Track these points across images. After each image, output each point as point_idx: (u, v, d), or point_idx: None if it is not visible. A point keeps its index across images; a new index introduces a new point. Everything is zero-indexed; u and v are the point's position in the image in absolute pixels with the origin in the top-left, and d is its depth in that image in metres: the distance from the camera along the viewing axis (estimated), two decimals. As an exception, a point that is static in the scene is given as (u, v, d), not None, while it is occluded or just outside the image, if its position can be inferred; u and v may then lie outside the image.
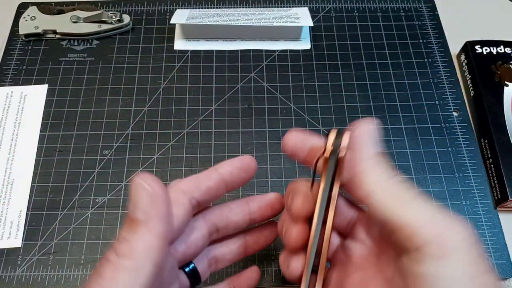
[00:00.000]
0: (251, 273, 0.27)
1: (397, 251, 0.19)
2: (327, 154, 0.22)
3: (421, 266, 0.17)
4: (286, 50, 0.44)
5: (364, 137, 0.21)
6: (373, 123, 0.22)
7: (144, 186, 0.19)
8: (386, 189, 0.19)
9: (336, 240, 0.25)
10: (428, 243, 0.17)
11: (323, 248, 0.23)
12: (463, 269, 0.17)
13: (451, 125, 0.40)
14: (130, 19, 0.45)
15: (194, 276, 0.24)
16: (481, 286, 0.17)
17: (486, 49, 0.43)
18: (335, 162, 0.22)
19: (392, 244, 0.20)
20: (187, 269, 0.24)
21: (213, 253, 0.25)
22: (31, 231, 0.35)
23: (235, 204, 0.25)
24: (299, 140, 0.23)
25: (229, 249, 0.26)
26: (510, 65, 0.42)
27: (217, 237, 0.25)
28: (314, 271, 0.23)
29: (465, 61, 0.43)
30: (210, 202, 0.23)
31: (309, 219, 0.23)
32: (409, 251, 0.18)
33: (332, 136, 0.22)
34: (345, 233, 0.25)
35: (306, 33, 0.45)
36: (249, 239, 0.26)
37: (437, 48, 0.44)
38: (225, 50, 0.44)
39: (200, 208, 0.23)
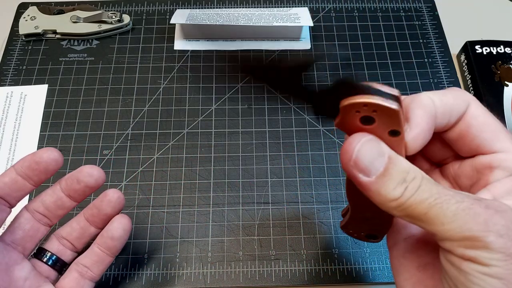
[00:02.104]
0: (111, 226, 0.28)
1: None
2: None
3: (450, 264, 0.17)
4: (286, 50, 0.44)
5: (354, 165, 0.18)
6: (359, 138, 0.18)
7: None
8: (398, 207, 0.18)
9: None
10: (453, 247, 0.17)
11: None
12: (493, 272, 0.16)
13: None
14: (130, 19, 0.45)
15: (56, 263, 0.28)
16: None
17: (486, 49, 0.43)
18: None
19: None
20: (46, 260, 0.28)
21: (59, 234, 0.29)
22: (31, 231, 0.35)
23: (50, 188, 0.28)
24: None
25: (71, 228, 0.29)
26: (510, 65, 0.42)
27: (55, 220, 0.28)
28: None
29: (465, 61, 0.43)
30: (15, 195, 0.26)
31: None
32: (441, 247, 0.18)
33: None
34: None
35: (306, 33, 0.45)
36: (86, 213, 0.29)
37: (437, 48, 0.44)
38: (225, 50, 0.44)
39: (12, 201, 0.26)
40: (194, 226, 0.35)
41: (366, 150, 0.18)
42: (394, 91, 0.17)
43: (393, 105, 0.17)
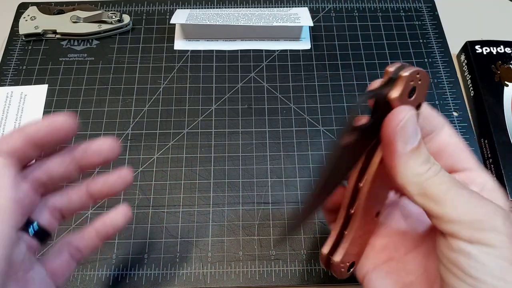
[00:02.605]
0: (116, 215, 0.27)
1: (434, 231, 0.20)
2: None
3: (455, 252, 0.18)
4: (286, 50, 0.44)
5: (400, 131, 0.20)
6: (409, 110, 0.20)
7: None
8: (418, 184, 0.20)
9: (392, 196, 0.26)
10: (461, 229, 0.18)
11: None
12: (499, 253, 0.17)
13: (451, 125, 0.40)
14: (130, 19, 0.45)
15: (41, 233, 0.25)
16: None
17: (486, 49, 0.43)
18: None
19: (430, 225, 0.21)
20: (30, 230, 0.24)
21: (53, 205, 0.25)
22: (31, 231, 0.35)
23: (59, 155, 0.25)
24: None
25: (68, 199, 0.26)
26: (510, 65, 0.42)
27: (50, 190, 0.25)
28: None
29: (465, 61, 0.43)
30: (22, 161, 0.23)
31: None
32: (444, 236, 0.19)
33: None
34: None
35: (306, 33, 0.45)
36: (92, 187, 0.26)
37: (437, 48, 0.44)
38: (225, 50, 0.44)
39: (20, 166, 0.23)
40: (194, 226, 0.35)
41: (411, 122, 0.20)
42: None
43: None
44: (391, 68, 0.20)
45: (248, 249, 0.34)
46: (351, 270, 0.26)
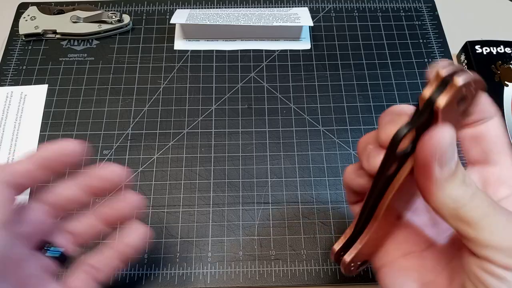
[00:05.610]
0: (125, 231, 0.28)
1: (462, 248, 0.19)
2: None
3: (487, 274, 0.18)
4: (286, 50, 0.44)
5: (439, 155, 0.18)
6: (451, 131, 0.18)
7: None
8: (453, 207, 0.18)
9: None
10: (497, 255, 0.17)
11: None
12: None
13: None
14: (130, 19, 0.45)
15: (57, 255, 0.26)
16: None
17: (486, 49, 0.43)
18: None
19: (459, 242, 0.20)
20: (49, 253, 0.26)
21: (67, 229, 0.27)
22: (31, 231, 0.35)
23: (68, 181, 0.27)
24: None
25: (80, 223, 0.27)
26: (510, 65, 0.42)
27: (63, 214, 0.27)
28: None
29: (465, 61, 0.43)
30: (34, 183, 0.25)
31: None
32: (477, 256, 0.18)
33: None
34: None
35: (306, 33, 0.45)
36: (101, 210, 0.27)
37: (437, 48, 0.44)
38: (225, 50, 0.44)
39: (23, 190, 0.25)
40: (194, 226, 0.35)
41: (451, 145, 0.18)
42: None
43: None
44: (443, 71, 0.17)
45: (248, 249, 0.34)
46: (361, 268, 0.26)
